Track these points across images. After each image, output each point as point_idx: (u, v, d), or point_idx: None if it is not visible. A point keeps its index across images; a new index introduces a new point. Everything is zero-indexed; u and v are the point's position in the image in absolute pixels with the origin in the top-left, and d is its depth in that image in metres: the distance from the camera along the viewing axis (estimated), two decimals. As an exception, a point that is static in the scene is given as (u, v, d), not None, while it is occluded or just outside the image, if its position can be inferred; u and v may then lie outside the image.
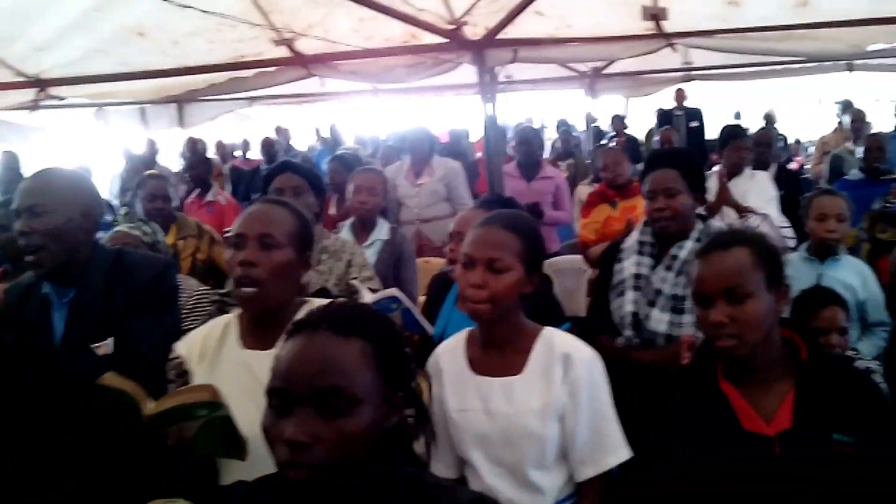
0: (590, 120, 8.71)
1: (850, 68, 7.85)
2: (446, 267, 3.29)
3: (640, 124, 11.79)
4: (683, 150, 2.77)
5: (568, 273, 5.10)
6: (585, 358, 1.85)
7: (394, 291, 2.54)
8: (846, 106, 7.71)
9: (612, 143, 7.83)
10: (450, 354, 1.93)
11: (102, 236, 2.97)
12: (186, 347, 1.87)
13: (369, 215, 3.65)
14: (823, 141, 7.08)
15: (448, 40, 4.36)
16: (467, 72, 4.73)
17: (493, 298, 1.77)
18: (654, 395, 1.90)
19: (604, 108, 11.00)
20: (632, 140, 9.95)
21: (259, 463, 1.48)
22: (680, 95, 8.82)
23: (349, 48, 4.63)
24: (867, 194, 4.24)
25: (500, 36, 4.36)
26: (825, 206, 3.20)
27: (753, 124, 9.91)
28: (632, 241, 2.72)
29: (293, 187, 2.96)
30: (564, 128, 9.57)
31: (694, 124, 8.75)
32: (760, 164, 4.92)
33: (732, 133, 4.43)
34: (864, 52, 4.51)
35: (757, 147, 4.85)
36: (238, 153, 10.96)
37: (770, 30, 4.14)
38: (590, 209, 4.76)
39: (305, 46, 4.63)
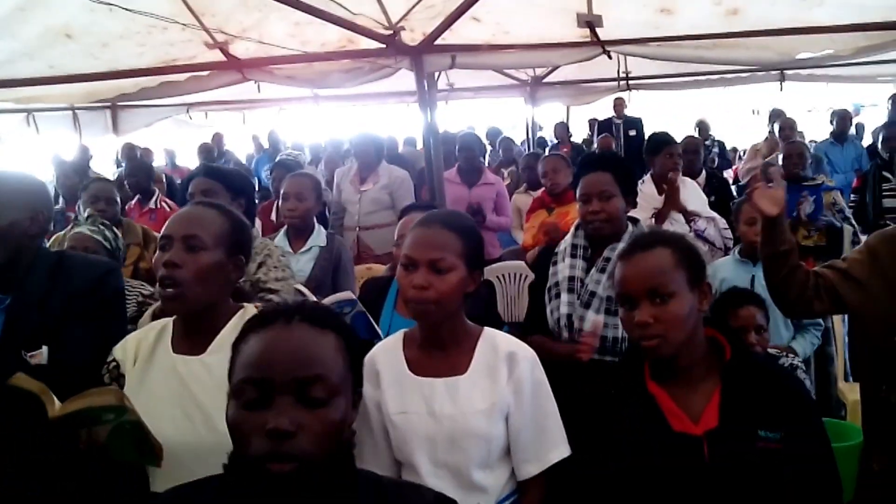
0: (533, 128, 8.77)
1: (782, 79, 8.10)
2: (387, 272, 3.25)
3: (583, 133, 11.95)
4: (616, 155, 2.80)
5: (510, 279, 5.14)
6: (529, 356, 1.84)
7: (349, 294, 2.49)
8: (775, 115, 7.91)
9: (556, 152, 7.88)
10: (387, 356, 1.88)
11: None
12: (122, 351, 1.83)
13: (300, 222, 3.58)
14: (756, 148, 7.27)
15: (385, 46, 4.34)
16: (409, 79, 4.71)
17: (439, 299, 1.73)
18: (589, 396, 1.89)
19: (545, 116, 11.17)
20: (577, 148, 10.06)
21: (179, 468, 1.45)
22: (619, 105, 8.97)
23: (285, 52, 4.57)
24: (789, 200, 4.31)
25: (438, 42, 4.36)
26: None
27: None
28: (566, 244, 2.72)
29: (202, 191, 2.87)
30: (500, 136, 9.63)
31: (632, 133, 8.89)
32: (689, 172, 4.99)
33: (663, 140, 4.48)
34: (792, 59, 4.64)
35: (685, 154, 4.91)
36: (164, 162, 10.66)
37: (701, 38, 4.24)
38: (531, 215, 4.83)
39: (240, 50, 4.57)
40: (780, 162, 4.67)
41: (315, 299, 2.50)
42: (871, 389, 2.18)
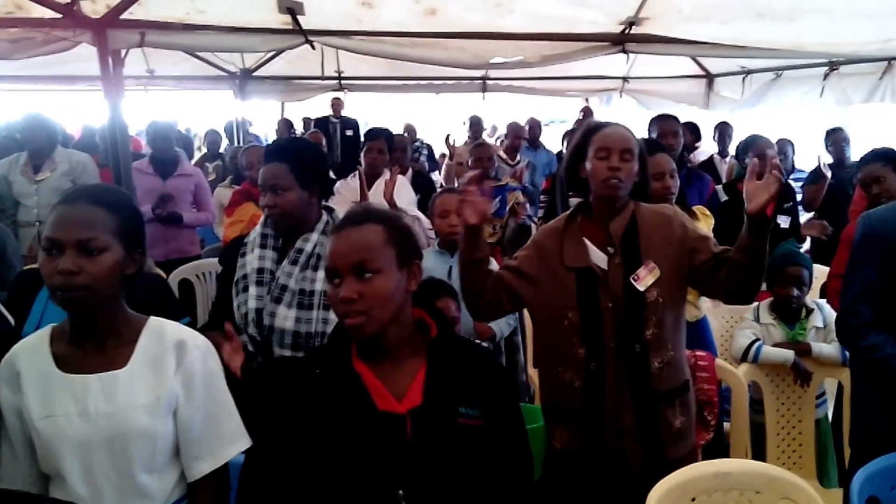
0: (241, 124, 8.42)
1: (484, 89, 8.70)
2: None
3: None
4: (297, 144, 2.63)
5: (209, 277, 4.85)
6: (200, 345, 1.73)
7: None
8: (475, 122, 8.41)
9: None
10: (30, 354, 1.65)
11: None
12: None
13: None
14: (457, 151, 7.68)
15: (62, 15, 3.85)
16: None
17: (91, 285, 1.55)
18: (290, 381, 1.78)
19: (259, 111, 10.90)
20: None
21: None
22: (336, 104, 8.98)
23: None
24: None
25: (125, 16, 3.97)
26: (446, 203, 3.35)
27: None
28: (255, 234, 2.57)
29: None
30: (203, 130, 9.19)
31: (349, 133, 8.94)
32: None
33: (367, 136, 4.61)
34: (486, 63, 4.89)
35: (393, 152, 5.03)
36: None
37: (402, 35, 4.30)
38: (234, 208, 4.61)
39: None
40: (470, 163, 4.91)
41: None
42: (550, 372, 2.34)
